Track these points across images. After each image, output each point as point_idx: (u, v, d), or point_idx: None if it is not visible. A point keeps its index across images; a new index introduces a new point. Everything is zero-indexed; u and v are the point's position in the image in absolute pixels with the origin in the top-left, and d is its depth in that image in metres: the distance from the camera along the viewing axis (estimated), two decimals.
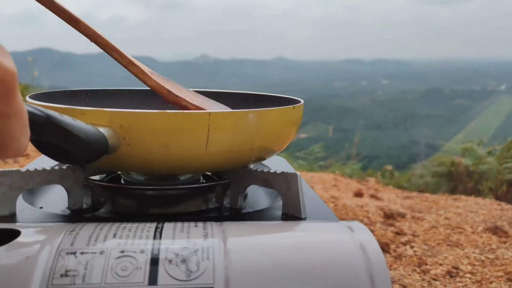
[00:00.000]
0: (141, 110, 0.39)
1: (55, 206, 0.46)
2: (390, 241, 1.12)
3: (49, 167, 0.43)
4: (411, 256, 1.04)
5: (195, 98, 0.52)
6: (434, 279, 0.92)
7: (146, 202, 0.47)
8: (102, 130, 0.37)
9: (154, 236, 0.32)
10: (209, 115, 0.39)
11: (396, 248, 1.09)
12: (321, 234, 0.35)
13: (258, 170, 0.45)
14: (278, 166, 0.61)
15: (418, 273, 0.95)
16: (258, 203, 0.50)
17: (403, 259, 1.03)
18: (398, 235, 1.20)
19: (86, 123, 0.36)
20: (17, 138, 0.24)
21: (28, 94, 0.49)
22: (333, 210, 1.42)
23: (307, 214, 0.43)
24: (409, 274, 0.94)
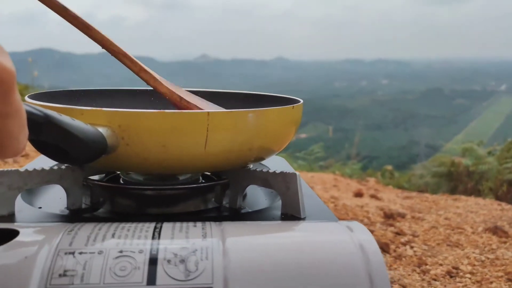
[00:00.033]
0: (140, 110, 0.39)
1: (54, 206, 0.45)
2: (390, 241, 1.12)
3: (48, 167, 0.43)
4: (411, 256, 1.04)
5: (205, 104, 0.53)
6: (434, 279, 0.92)
7: (145, 202, 0.47)
8: (101, 130, 0.37)
9: (153, 236, 0.32)
10: (208, 115, 0.39)
11: (396, 248, 1.09)
12: (320, 234, 0.34)
13: (257, 170, 0.45)
14: (278, 166, 0.61)
15: (418, 273, 0.95)
16: (257, 203, 0.49)
17: (403, 259, 1.03)
18: (398, 235, 1.20)
19: (85, 123, 0.36)
20: (16, 137, 0.24)
21: (28, 94, 0.49)
22: (333, 210, 1.42)
23: (306, 214, 0.43)
24: (409, 274, 0.94)
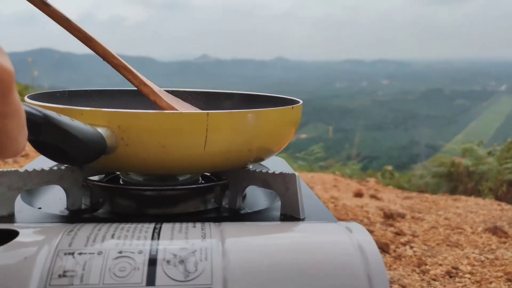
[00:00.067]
0: (140, 110, 0.39)
1: (54, 207, 0.46)
2: (390, 242, 1.12)
3: (48, 168, 0.43)
4: (411, 257, 1.04)
5: None
6: (434, 279, 0.92)
7: (145, 202, 0.47)
8: (101, 130, 0.37)
9: (152, 237, 0.32)
10: (207, 116, 0.39)
11: (395, 248, 1.09)
12: (319, 235, 0.35)
13: (257, 171, 0.45)
14: (277, 167, 0.61)
15: (418, 273, 0.95)
16: (257, 204, 0.49)
17: (403, 259, 1.03)
18: (397, 236, 1.20)
19: (84, 123, 0.36)
20: (15, 137, 0.24)
21: (28, 94, 0.49)
22: (333, 210, 1.42)
23: (306, 214, 0.43)
24: (409, 275, 0.94)
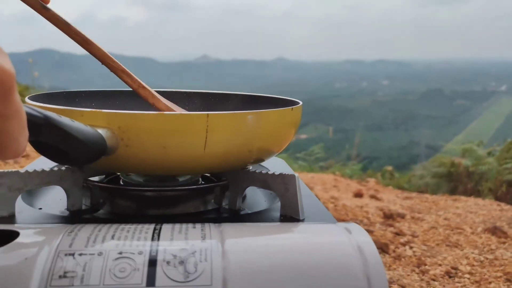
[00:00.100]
0: (140, 111, 0.39)
1: (54, 207, 0.46)
2: (390, 242, 1.12)
3: (48, 168, 0.43)
4: (410, 257, 1.04)
5: None
6: (433, 279, 0.92)
7: (145, 203, 0.47)
8: (101, 131, 0.37)
9: (152, 238, 0.32)
10: (207, 117, 0.39)
11: (395, 248, 1.09)
12: (318, 236, 0.35)
13: (257, 172, 0.45)
14: (277, 168, 0.62)
15: (417, 273, 0.95)
16: (256, 205, 0.50)
17: (402, 259, 1.03)
18: (397, 236, 1.20)
19: (84, 124, 0.36)
20: (16, 138, 0.24)
21: (29, 94, 0.50)
22: (333, 210, 1.42)
23: (305, 215, 0.43)
24: (408, 275, 0.94)
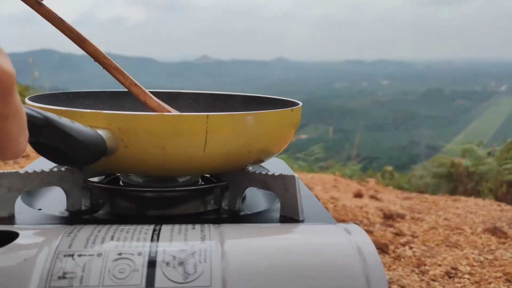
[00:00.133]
0: (140, 112, 0.39)
1: (54, 208, 0.46)
2: (389, 242, 1.12)
3: (48, 169, 0.43)
4: (410, 257, 1.04)
5: None
6: (433, 280, 0.92)
7: (145, 204, 0.47)
8: (101, 132, 0.37)
9: (152, 239, 0.32)
10: (207, 118, 0.39)
11: (395, 249, 1.09)
12: (318, 237, 0.35)
13: (256, 172, 0.45)
14: (277, 168, 0.62)
15: (417, 273, 0.95)
16: (256, 205, 0.50)
17: (402, 259, 1.03)
18: (397, 236, 1.20)
19: (84, 125, 0.36)
20: (16, 139, 0.25)
21: (29, 95, 0.50)
22: (333, 211, 1.42)
23: (305, 216, 0.43)
24: (408, 275, 0.94)
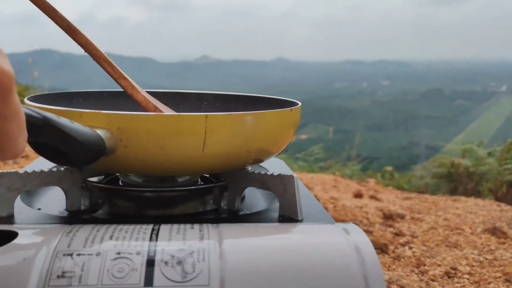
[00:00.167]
0: (139, 112, 0.39)
1: (53, 208, 0.46)
2: (389, 242, 1.13)
3: (47, 169, 0.43)
4: (410, 257, 1.04)
5: None
6: (432, 280, 0.92)
7: (144, 203, 0.47)
8: (100, 132, 0.37)
9: (150, 238, 0.32)
10: (206, 118, 0.39)
11: (394, 249, 1.09)
12: (316, 236, 0.35)
13: (255, 172, 0.46)
14: (276, 168, 0.62)
15: (416, 273, 0.95)
16: (255, 205, 0.50)
17: (402, 259, 1.03)
18: (397, 236, 1.20)
19: (83, 125, 0.36)
20: (15, 139, 0.25)
21: (29, 95, 0.50)
22: (333, 211, 1.42)
23: (304, 216, 0.43)
24: (407, 275, 0.94)
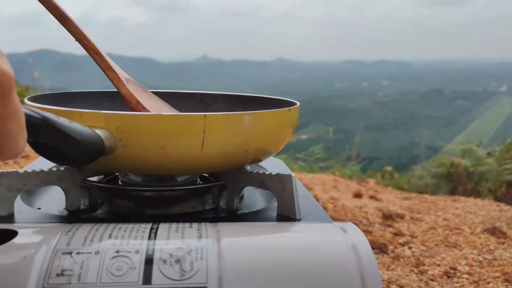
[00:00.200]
0: (138, 112, 0.39)
1: (53, 207, 0.46)
2: (389, 242, 1.13)
3: (47, 169, 0.43)
4: (409, 257, 1.05)
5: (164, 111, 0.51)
6: (432, 280, 0.92)
7: (143, 203, 0.47)
8: (99, 132, 0.38)
9: (149, 237, 0.32)
10: (205, 117, 0.39)
11: (394, 248, 1.10)
12: (314, 235, 0.35)
13: (254, 172, 0.46)
14: (275, 168, 0.62)
15: (416, 273, 0.96)
16: (254, 204, 0.50)
17: (401, 259, 1.03)
18: (396, 236, 1.20)
19: (82, 125, 0.36)
20: (14, 139, 0.25)
21: (29, 95, 0.50)
22: (332, 211, 1.43)
23: (302, 215, 0.44)
24: (407, 275, 0.94)
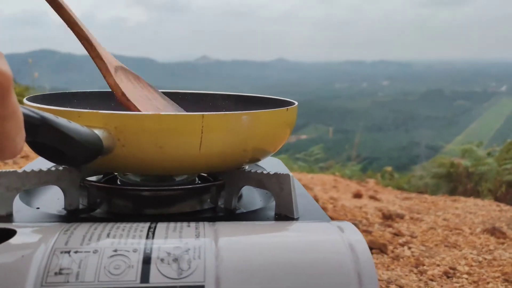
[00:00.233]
0: (136, 112, 0.40)
1: (52, 207, 0.46)
2: (388, 242, 1.13)
3: (46, 168, 0.43)
4: (409, 257, 1.05)
5: (150, 106, 0.50)
6: (431, 280, 0.93)
7: (142, 202, 0.47)
8: (97, 131, 0.38)
9: (147, 236, 0.32)
10: (203, 117, 0.39)
11: (393, 249, 1.10)
12: (311, 234, 0.35)
13: (252, 171, 0.46)
14: (273, 167, 0.62)
15: (415, 273, 0.96)
16: (252, 204, 0.50)
17: (401, 259, 1.03)
18: (396, 236, 1.20)
19: (81, 125, 0.37)
20: (13, 139, 0.25)
21: (29, 95, 0.50)
22: (332, 211, 1.43)
23: (300, 214, 0.44)
24: (406, 275, 0.94)
